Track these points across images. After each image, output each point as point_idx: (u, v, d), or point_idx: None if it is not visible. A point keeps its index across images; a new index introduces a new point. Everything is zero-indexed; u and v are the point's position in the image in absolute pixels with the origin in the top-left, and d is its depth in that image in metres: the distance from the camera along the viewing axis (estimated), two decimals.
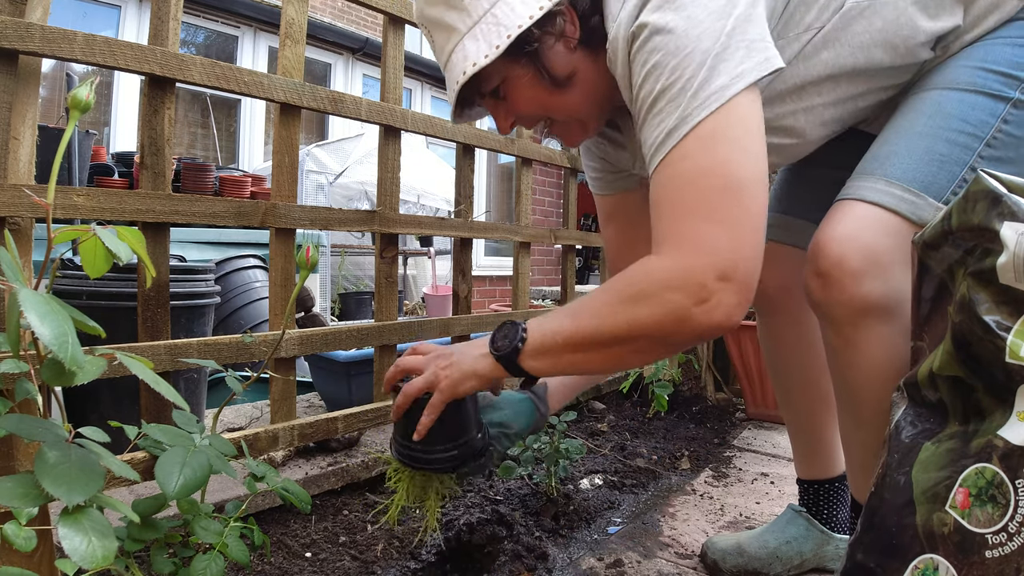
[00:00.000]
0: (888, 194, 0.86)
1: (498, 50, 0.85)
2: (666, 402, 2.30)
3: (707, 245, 0.76)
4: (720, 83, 0.77)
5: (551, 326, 0.87)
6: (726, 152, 0.77)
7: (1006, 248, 0.60)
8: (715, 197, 0.77)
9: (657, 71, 0.80)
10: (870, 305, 0.84)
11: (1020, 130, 0.86)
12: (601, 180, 1.24)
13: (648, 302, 0.78)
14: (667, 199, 0.80)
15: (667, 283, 0.77)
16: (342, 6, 6.62)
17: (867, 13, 0.89)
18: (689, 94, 0.78)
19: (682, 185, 0.79)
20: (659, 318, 0.78)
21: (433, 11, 0.91)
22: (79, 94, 0.66)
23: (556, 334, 0.86)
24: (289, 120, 1.38)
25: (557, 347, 0.86)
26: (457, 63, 0.89)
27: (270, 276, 1.39)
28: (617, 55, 0.86)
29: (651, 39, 0.80)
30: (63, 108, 4.31)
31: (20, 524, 0.60)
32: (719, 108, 0.77)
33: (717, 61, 0.77)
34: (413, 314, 5.36)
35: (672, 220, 0.79)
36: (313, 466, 1.45)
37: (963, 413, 0.67)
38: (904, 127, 0.92)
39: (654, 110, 0.81)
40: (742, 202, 0.77)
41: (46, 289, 0.61)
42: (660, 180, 0.81)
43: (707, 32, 0.78)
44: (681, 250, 0.78)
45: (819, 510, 1.28)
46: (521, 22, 0.85)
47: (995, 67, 0.88)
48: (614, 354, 0.84)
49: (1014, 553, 0.60)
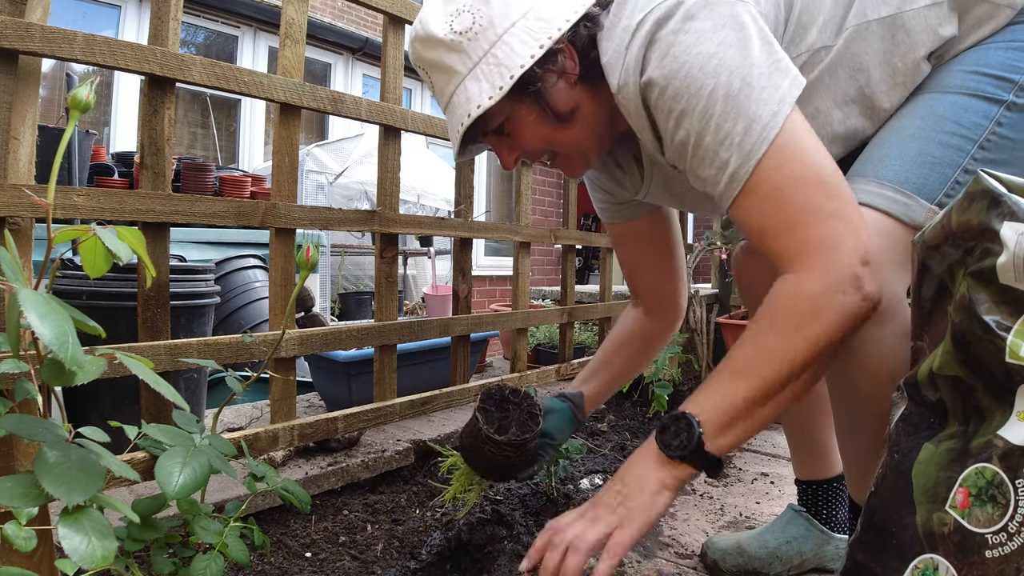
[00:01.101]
0: (880, 196, 0.86)
1: (502, 91, 0.86)
2: (666, 402, 2.29)
3: (836, 240, 0.77)
4: (769, 111, 0.79)
5: (724, 400, 0.80)
6: (805, 161, 0.79)
7: (1006, 248, 0.60)
8: (817, 197, 0.78)
9: (688, 117, 0.81)
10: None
11: (1013, 132, 0.86)
12: (607, 210, 1.27)
13: (821, 317, 0.77)
14: (770, 219, 0.81)
15: (827, 291, 0.76)
16: (342, 6, 6.62)
17: (865, 35, 0.90)
18: (738, 131, 0.79)
19: (781, 201, 0.80)
20: (838, 325, 0.77)
21: (431, 54, 0.91)
22: (79, 94, 0.66)
23: (734, 402, 0.80)
24: (289, 120, 1.38)
25: (742, 414, 0.80)
26: (460, 105, 0.89)
27: (270, 276, 1.39)
28: (630, 105, 0.87)
29: (669, 87, 0.81)
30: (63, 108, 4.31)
31: (20, 524, 0.60)
32: (779, 133, 0.79)
33: (756, 91, 0.78)
34: (413, 314, 5.35)
35: (789, 234, 0.79)
36: (313, 466, 1.45)
37: (963, 413, 0.67)
38: (897, 129, 0.92)
39: (699, 153, 0.82)
40: (839, 193, 0.79)
41: (46, 289, 0.61)
42: (751, 207, 0.82)
43: (725, 63, 0.78)
44: (816, 256, 0.78)
45: (818, 510, 1.28)
46: (523, 62, 0.86)
47: (988, 70, 0.88)
48: (802, 383, 0.80)
49: (1014, 553, 0.60)
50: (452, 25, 0.88)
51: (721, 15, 0.80)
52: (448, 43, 0.88)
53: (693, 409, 0.81)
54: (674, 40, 0.80)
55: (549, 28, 0.87)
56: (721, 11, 0.80)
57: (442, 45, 0.89)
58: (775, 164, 0.79)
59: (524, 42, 0.86)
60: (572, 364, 2.37)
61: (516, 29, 0.87)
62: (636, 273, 1.32)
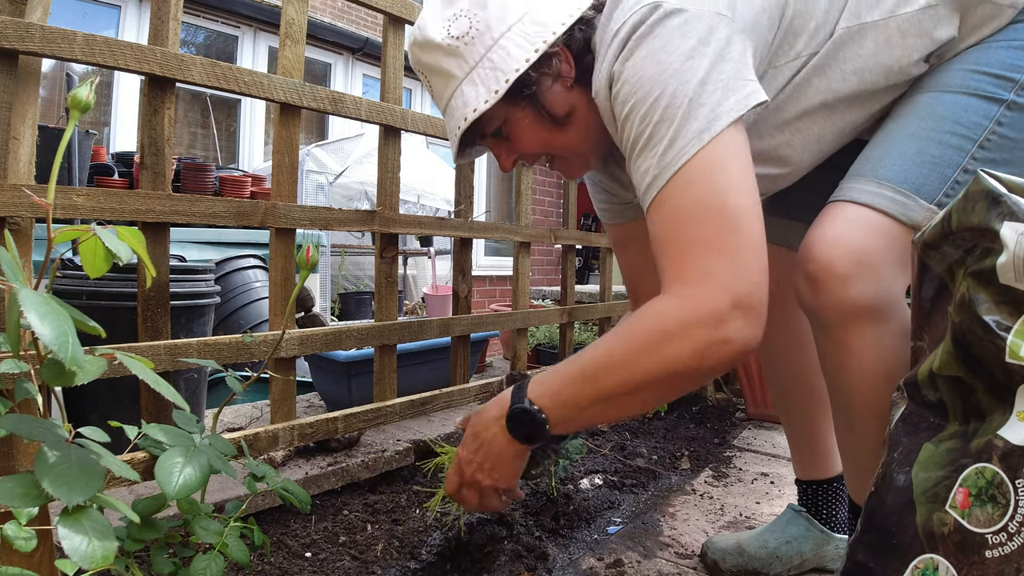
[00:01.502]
0: (879, 195, 0.86)
1: (497, 95, 0.87)
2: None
3: (713, 275, 0.77)
4: (697, 127, 0.78)
5: (571, 399, 0.85)
6: (713, 187, 0.79)
7: (1006, 248, 0.60)
8: (710, 229, 0.78)
9: (632, 117, 0.82)
10: (859, 308, 0.83)
11: (1014, 132, 0.86)
12: (609, 211, 1.26)
13: (671, 344, 0.77)
14: (664, 238, 0.81)
15: (684, 320, 0.77)
16: (342, 6, 6.62)
17: (857, 37, 0.89)
18: (664, 141, 0.79)
19: (675, 223, 0.80)
20: (685, 356, 0.77)
21: (429, 58, 0.92)
22: (79, 94, 0.66)
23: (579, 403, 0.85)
24: (289, 120, 1.38)
25: (582, 412, 0.85)
26: (457, 108, 0.91)
27: (270, 276, 1.39)
28: (603, 109, 0.89)
29: (623, 87, 0.82)
30: (63, 108, 4.31)
31: (20, 524, 0.60)
32: (699, 151, 0.78)
33: (692, 106, 0.78)
34: (413, 314, 5.35)
35: (673, 257, 0.80)
36: (313, 466, 1.45)
37: (963, 413, 0.67)
38: (896, 129, 0.92)
39: (634, 154, 0.83)
40: (738, 229, 0.78)
41: (46, 289, 0.61)
42: (654, 221, 0.83)
43: (676, 76, 0.78)
44: (689, 285, 0.78)
45: (818, 510, 1.28)
46: (518, 66, 0.87)
47: (989, 69, 0.87)
48: (641, 399, 0.83)
49: (1014, 553, 0.60)
50: (449, 30, 0.89)
51: (691, 27, 0.79)
52: (445, 48, 0.89)
53: (540, 401, 0.86)
54: (638, 45, 0.81)
55: (544, 32, 0.88)
56: (693, 24, 0.79)
57: (439, 50, 0.90)
58: (685, 182, 0.79)
59: (520, 46, 0.87)
60: None
61: (512, 33, 0.87)
62: (636, 275, 1.31)
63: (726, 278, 0.76)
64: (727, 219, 0.78)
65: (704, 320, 0.76)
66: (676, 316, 0.77)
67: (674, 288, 0.79)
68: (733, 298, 0.76)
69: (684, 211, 0.79)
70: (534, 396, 0.87)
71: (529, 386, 0.88)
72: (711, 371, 0.79)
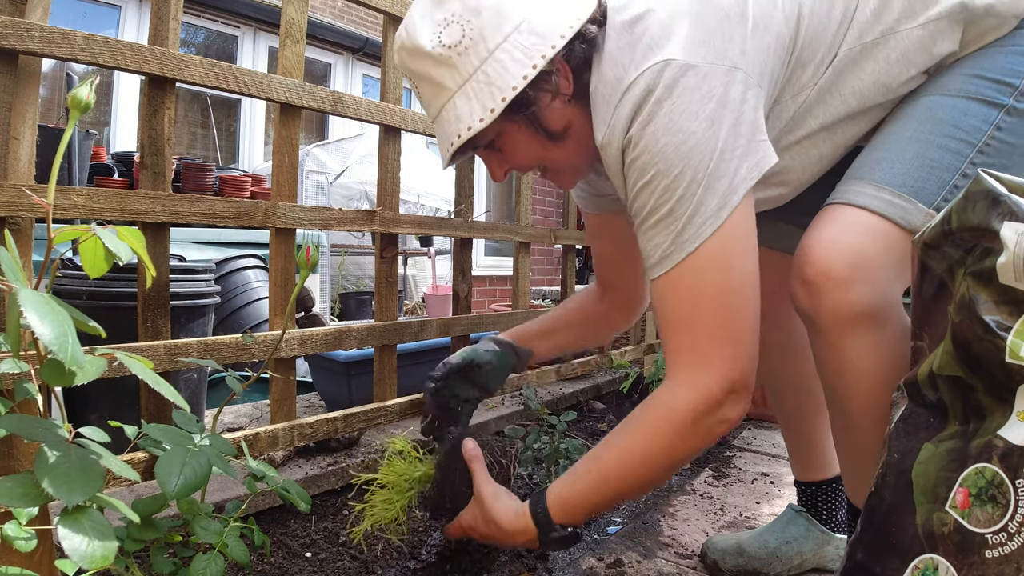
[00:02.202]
0: (877, 198, 0.85)
1: (493, 114, 0.83)
2: None
3: (716, 363, 0.83)
4: (715, 204, 0.80)
5: (593, 506, 0.93)
6: (724, 275, 0.82)
7: (1006, 248, 0.60)
8: (718, 317, 0.83)
9: (649, 189, 0.81)
10: (857, 313, 0.82)
11: (1013, 137, 0.85)
12: (587, 200, 1.25)
13: (686, 442, 0.86)
14: (672, 318, 0.85)
15: (695, 412, 0.84)
16: (342, 6, 6.62)
17: (859, 59, 0.89)
18: (683, 219, 0.80)
19: (686, 306, 0.84)
20: (697, 447, 0.87)
21: (418, 65, 0.87)
22: (79, 94, 0.66)
23: (599, 507, 0.94)
24: (289, 120, 1.38)
25: (598, 510, 0.97)
26: (449, 122, 0.86)
27: (270, 276, 1.39)
28: (611, 162, 0.87)
29: (642, 156, 0.81)
30: (63, 108, 4.31)
31: (20, 524, 0.60)
32: (716, 231, 0.80)
33: (712, 180, 0.79)
34: (413, 314, 5.36)
35: (680, 340, 0.85)
36: (313, 466, 1.45)
37: (963, 413, 0.67)
38: (894, 133, 0.91)
39: (647, 224, 0.84)
40: (742, 316, 0.83)
41: (46, 289, 0.61)
42: (663, 298, 0.86)
43: (697, 149, 0.79)
44: (695, 371, 0.84)
45: (818, 511, 1.28)
46: (515, 83, 0.82)
47: (989, 74, 0.87)
48: (646, 487, 0.94)
49: (1014, 553, 0.60)
50: (441, 37, 0.84)
51: (708, 87, 0.79)
52: (436, 57, 0.84)
53: (567, 520, 0.93)
54: (657, 110, 0.79)
55: (543, 45, 0.83)
56: (710, 83, 0.79)
57: (429, 58, 0.85)
58: (698, 268, 0.82)
59: (517, 60, 0.82)
60: (572, 364, 2.37)
61: (508, 45, 0.82)
62: (606, 264, 1.31)
63: (730, 365, 0.83)
64: (733, 308, 0.83)
65: (711, 408, 0.83)
66: (687, 408, 0.84)
67: (681, 374, 0.85)
68: (732, 384, 0.83)
69: (695, 296, 0.83)
70: (562, 518, 0.93)
71: (552, 508, 0.93)
72: (703, 449, 0.92)
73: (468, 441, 1.06)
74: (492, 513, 0.97)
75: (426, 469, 1.10)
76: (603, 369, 2.60)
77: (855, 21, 0.88)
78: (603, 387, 2.51)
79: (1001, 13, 0.86)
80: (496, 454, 1.08)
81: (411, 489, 1.09)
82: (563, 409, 2.17)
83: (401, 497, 1.08)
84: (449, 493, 1.05)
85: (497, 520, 0.96)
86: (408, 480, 1.09)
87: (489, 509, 0.97)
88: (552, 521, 0.92)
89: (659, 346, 2.77)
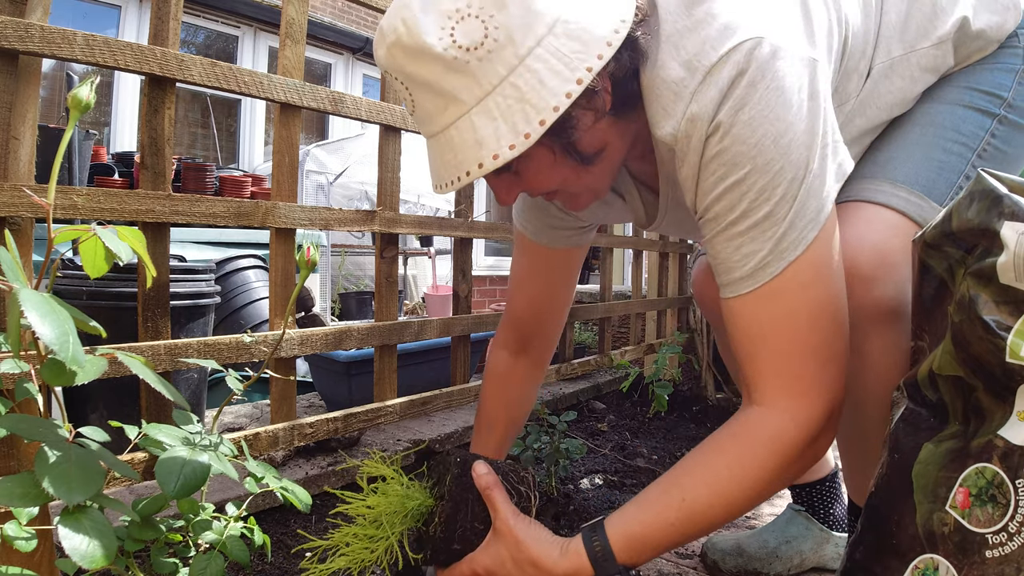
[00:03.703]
0: (895, 196, 0.86)
1: (528, 140, 0.66)
2: (666, 402, 2.30)
3: (821, 388, 0.74)
4: (815, 206, 0.72)
5: (667, 543, 0.77)
6: (829, 288, 0.75)
7: (1006, 248, 0.60)
8: (825, 338, 0.74)
9: (742, 188, 0.71)
10: (881, 310, 0.82)
11: (1006, 145, 0.89)
12: (540, 232, 1.09)
13: (797, 468, 0.77)
14: (768, 338, 0.75)
15: (806, 444, 0.75)
16: (342, 6, 6.62)
17: (889, 73, 0.91)
18: (784, 222, 0.71)
19: (791, 325, 0.74)
20: (799, 475, 0.78)
21: (419, 69, 0.68)
22: (79, 94, 0.66)
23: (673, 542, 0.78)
24: (289, 120, 1.38)
25: (660, 551, 0.79)
26: (463, 146, 0.69)
27: (270, 276, 1.39)
28: (689, 155, 0.73)
29: (735, 146, 0.70)
30: (63, 108, 4.31)
31: (20, 524, 0.60)
32: (817, 235, 0.72)
33: (812, 178, 0.71)
34: (413, 314, 5.35)
35: (778, 363, 0.75)
36: (313, 466, 1.45)
37: (963, 413, 0.67)
38: (898, 136, 0.93)
39: (735, 230, 0.73)
40: (841, 332, 0.76)
41: (46, 289, 0.61)
42: (753, 313, 0.75)
43: (797, 141, 0.69)
44: (799, 398, 0.74)
45: (815, 510, 1.28)
46: (557, 102, 0.66)
47: (980, 87, 0.91)
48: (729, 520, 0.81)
49: (1014, 553, 0.60)
50: (454, 36, 0.65)
51: (797, 74, 0.70)
52: (448, 61, 0.66)
53: (634, 560, 0.77)
54: (752, 94, 0.68)
55: (587, 55, 0.67)
56: (798, 70, 0.70)
57: (438, 62, 0.66)
58: (803, 279, 0.72)
59: (556, 72, 0.66)
60: (572, 364, 2.37)
61: (543, 51, 0.66)
62: (535, 312, 1.16)
63: (834, 389, 0.75)
64: (840, 323, 0.75)
65: (816, 436, 0.75)
66: (796, 439, 0.74)
67: (781, 401, 0.75)
68: (834, 407, 0.75)
69: (803, 312, 0.73)
70: (627, 558, 0.76)
71: (615, 545, 0.76)
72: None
73: (480, 465, 0.85)
74: (529, 551, 0.78)
75: (422, 500, 0.89)
76: (603, 369, 2.60)
77: (881, 36, 0.90)
78: (603, 387, 2.51)
79: (988, 36, 0.92)
80: (512, 480, 0.88)
81: (401, 524, 0.88)
82: (563, 409, 2.17)
83: (387, 533, 0.86)
84: (459, 531, 0.84)
85: (537, 560, 0.78)
86: (399, 515, 0.88)
87: (524, 546, 0.79)
88: (615, 561, 0.76)
89: (659, 346, 2.77)
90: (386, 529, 0.85)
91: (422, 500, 0.89)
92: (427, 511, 0.89)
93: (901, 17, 0.90)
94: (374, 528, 0.86)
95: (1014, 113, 0.90)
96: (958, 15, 0.89)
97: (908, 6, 0.90)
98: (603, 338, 2.60)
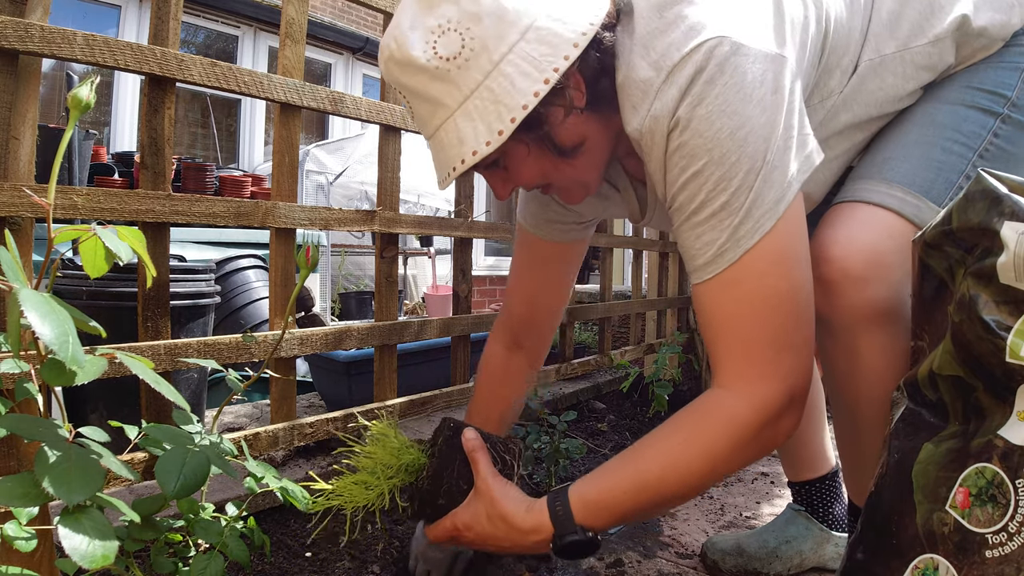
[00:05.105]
0: (891, 196, 0.85)
1: (501, 136, 0.74)
2: (666, 402, 2.30)
3: (780, 374, 0.77)
4: (774, 196, 0.74)
5: (623, 511, 0.82)
6: (788, 275, 0.76)
7: (1006, 248, 0.60)
8: (784, 323, 0.76)
9: (701, 178, 0.74)
10: (873, 312, 0.82)
11: (1009, 145, 0.88)
12: (540, 226, 1.13)
13: (745, 451, 0.79)
14: (730, 324, 0.78)
15: (757, 424, 0.77)
16: (342, 6, 6.62)
17: (879, 70, 0.90)
18: (741, 212, 0.74)
19: (748, 311, 0.76)
20: (754, 457, 0.80)
21: (410, 80, 0.77)
22: (79, 94, 0.66)
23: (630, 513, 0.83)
24: (289, 120, 1.38)
25: (626, 518, 0.84)
26: (449, 145, 0.78)
27: (270, 276, 1.39)
28: (654, 150, 0.79)
29: (692, 140, 0.74)
30: (63, 108, 4.31)
31: (20, 524, 0.60)
32: (775, 225, 0.74)
33: (770, 170, 0.73)
34: (413, 314, 5.36)
35: (740, 349, 0.78)
36: (313, 466, 1.45)
37: (963, 413, 0.67)
38: (897, 136, 0.92)
39: (695, 220, 0.77)
40: (802, 320, 0.77)
41: (46, 289, 0.61)
42: (718, 301, 0.78)
43: (755, 134, 0.72)
44: (758, 383, 0.77)
45: (815, 509, 1.28)
46: (525, 101, 0.73)
47: (982, 86, 0.90)
48: (684, 498, 0.85)
49: (1014, 553, 0.60)
50: (436, 48, 0.74)
51: (760, 71, 0.73)
52: (432, 71, 0.74)
53: (591, 523, 0.82)
54: (708, 90, 0.72)
55: (554, 56, 0.74)
56: (761, 66, 0.73)
57: (424, 72, 0.75)
58: (760, 267, 0.75)
59: (526, 74, 0.73)
60: (572, 364, 2.37)
61: (514, 56, 0.73)
62: (533, 306, 1.19)
63: (792, 376, 0.77)
64: (799, 313, 0.77)
65: (772, 420, 0.77)
66: (750, 420, 0.77)
67: (738, 384, 0.78)
68: (793, 395, 0.78)
69: (759, 300, 0.76)
70: (584, 519, 0.82)
71: (574, 507, 0.82)
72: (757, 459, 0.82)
73: (469, 431, 0.94)
74: (501, 507, 0.86)
75: (416, 456, 0.98)
76: (603, 369, 2.60)
77: (871, 33, 0.90)
78: (603, 387, 2.51)
79: (991, 35, 0.90)
80: (499, 449, 0.96)
81: (394, 477, 0.95)
82: (563, 409, 2.17)
83: (381, 483, 0.94)
84: (444, 486, 0.93)
85: (506, 515, 0.86)
86: (394, 467, 0.96)
87: (498, 502, 0.87)
88: (573, 521, 0.82)
89: (659, 346, 2.77)
90: (381, 477, 0.94)
91: (416, 456, 0.98)
92: (420, 468, 0.97)
93: (894, 14, 0.89)
94: (371, 477, 0.95)
95: (1019, 112, 0.88)
96: (957, 13, 0.88)
97: (902, 3, 0.89)
98: (603, 338, 2.60)
